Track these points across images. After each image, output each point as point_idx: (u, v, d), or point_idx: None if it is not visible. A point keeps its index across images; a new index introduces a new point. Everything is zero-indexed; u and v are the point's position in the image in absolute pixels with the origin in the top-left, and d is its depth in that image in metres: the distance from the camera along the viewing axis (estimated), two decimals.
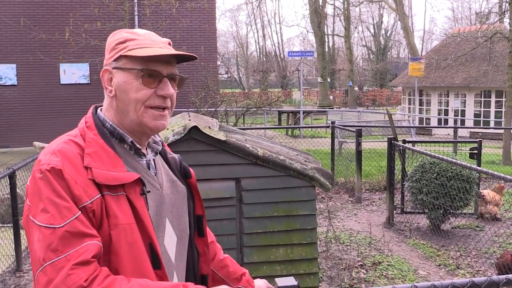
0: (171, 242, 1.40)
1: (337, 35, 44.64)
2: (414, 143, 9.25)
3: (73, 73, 15.34)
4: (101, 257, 1.20)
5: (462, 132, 17.68)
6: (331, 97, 36.54)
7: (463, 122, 18.86)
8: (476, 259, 5.45)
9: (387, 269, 5.04)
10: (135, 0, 14.90)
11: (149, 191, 1.33)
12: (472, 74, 19.39)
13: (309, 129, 18.31)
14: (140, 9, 15.14)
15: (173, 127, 3.39)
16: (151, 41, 1.35)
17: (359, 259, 5.28)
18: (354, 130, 8.44)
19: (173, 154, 1.56)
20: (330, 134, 10.13)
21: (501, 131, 14.20)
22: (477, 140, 7.39)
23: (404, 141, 7.43)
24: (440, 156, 5.85)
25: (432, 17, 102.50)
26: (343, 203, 8.01)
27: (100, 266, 1.18)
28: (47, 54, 14.55)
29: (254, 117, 18.40)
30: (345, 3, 35.29)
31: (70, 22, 13.35)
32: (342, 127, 10.58)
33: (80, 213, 1.19)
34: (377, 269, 5.02)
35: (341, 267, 5.03)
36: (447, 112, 20.14)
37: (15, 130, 14.99)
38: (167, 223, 1.40)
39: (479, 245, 5.78)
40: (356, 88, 39.03)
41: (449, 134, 17.83)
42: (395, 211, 6.95)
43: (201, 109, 13.13)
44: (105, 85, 1.38)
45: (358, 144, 7.97)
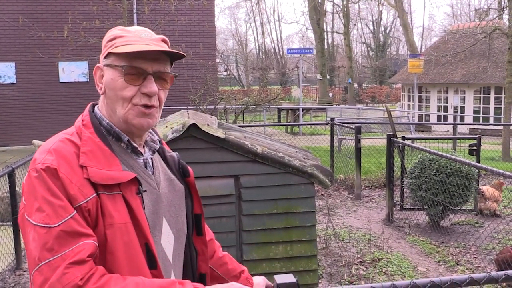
0: (168, 241, 1.40)
1: (336, 32, 44.55)
2: (413, 139, 9.25)
3: (72, 71, 15.32)
4: (97, 257, 1.19)
5: (461, 128, 17.66)
6: (331, 94, 36.54)
7: (462, 118, 18.85)
8: (475, 256, 5.45)
9: (387, 265, 5.04)
10: None
11: (145, 190, 1.32)
12: (471, 70, 19.38)
13: (309, 126, 18.30)
14: (138, 7, 15.11)
15: (171, 125, 3.38)
16: (139, 38, 1.33)
17: (359, 256, 5.28)
18: (353, 127, 8.43)
19: (171, 152, 1.55)
20: (329, 131, 10.14)
21: (501, 128, 14.20)
22: (477, 136, 7.38)
23: (403, 138, 7.42)
24: (439, 152, 5.85)
25: (431, 14, 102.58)
26: (343, 200, 8.01)
27: (96, 265, 1.17)
28: (46, 52, 14.54)
29: (253, 115, 18.41)
30: (344, 0, 35.22)
31: (68, 20, 13.33)
32: (341, 124, 10.57)
33: (75, 212, 1.18)
34: (376, 266, 5.02)
35: (341, 264, 5.03)
36: (446, 108, 20.14)
37: (14, 128, 14.98)
38: (164, 222, 1.39)
39: (479, 242, 5.79)
40: (355, 85, 39.00)
41: (448, 130, 17.83)
42: (394, 208, 6.96)
43: (200, 107, 13.12)
44: (97, 83, 1.38)
45: (357, 141, 7.96)
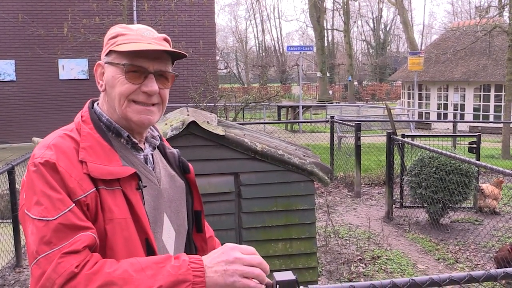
0: (170, 237, 1.40)
1: (337, 30, 44.53)
2: (413, 137, 9.26)
3: (71, 68, 15.31)
4: (97, 251, 1.19)
5: (461, 126, 17.67)
6: (331, 92, 36.53)
7: (462, 116, 18.85)
8: (475, 253, 5.46)
9: (386, 263, 5.05)
10: None
11: (146, 186, 1.32)
12: (471, 68, 19.36)
13: (309, 124, 18.31)
14: (138, 4, 15.09)
15: (171, 122, 3.38)
16: (141, 37, 1.33)
17: (358, 253, 5.29)
18: (353, 124, 8.43)
19: (172, 149, 1.55)
20: (329, 128, 10.14)
21: (501, 125, 14.20)
22: (476, 134, 7.39)
23: (403, 136, 7.43)
24: (439, 150, 5.85)
25: (431, 11, 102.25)
26: (342, 197, 8.02)
27: None
28: (45, 49, 14.52)
29: (253, 112, 18.40)
30: None
31: (68, 17, 13.30)
32: (341, 122, 10.58)
33: (73, 205, 1.18)
34: (376, 263, 5.03)
35: (340, 262, 5.04)
36: (446, 106, 20.13)
37: (14, 126, 14.98)
38: (165, 218, 1.39)
39: (478, 239, 5.79)
40: (355, 82, 39.00)
41: (448, 128, 17.82)
42: (394, 206, 6.96)
43: (200, 104, 13.11)
44: (97, 80, 1.38)
45: (357, 138, 7.96)
